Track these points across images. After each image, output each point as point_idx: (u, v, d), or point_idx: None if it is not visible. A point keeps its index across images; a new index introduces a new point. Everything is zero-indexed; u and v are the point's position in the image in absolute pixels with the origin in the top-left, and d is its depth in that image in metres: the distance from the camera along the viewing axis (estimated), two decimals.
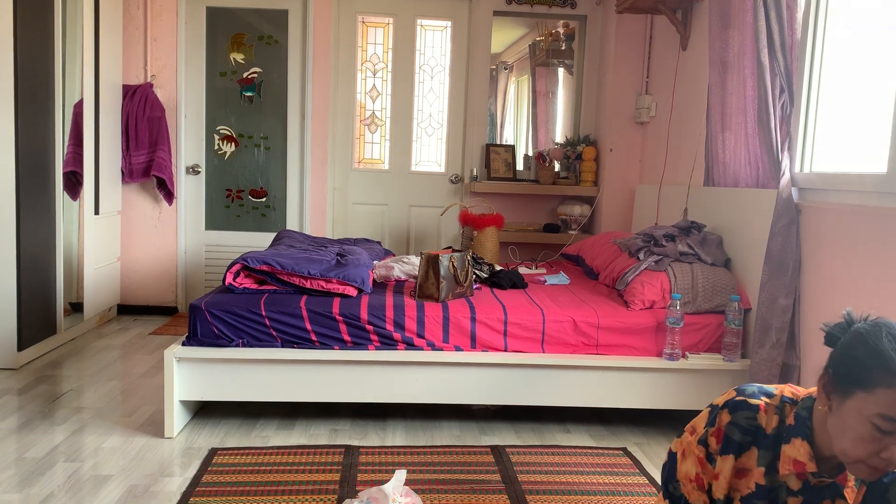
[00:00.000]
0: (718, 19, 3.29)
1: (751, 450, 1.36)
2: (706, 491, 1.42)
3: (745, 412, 1.36)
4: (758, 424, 1.35)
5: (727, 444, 1.37)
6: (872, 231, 2.34)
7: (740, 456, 1.37)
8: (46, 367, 3.51)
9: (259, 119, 4.71)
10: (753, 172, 3.07)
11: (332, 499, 2.24)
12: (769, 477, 1.35)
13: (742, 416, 1.36)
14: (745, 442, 1.36)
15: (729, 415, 1.37)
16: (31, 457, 2.48)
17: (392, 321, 2.79)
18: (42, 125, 3.61)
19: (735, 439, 1.36)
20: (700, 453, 1.40)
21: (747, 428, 1.36)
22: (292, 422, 2.91)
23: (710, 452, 1.39)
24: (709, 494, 1.42)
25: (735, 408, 1.37)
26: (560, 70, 5.18)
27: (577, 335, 2.86)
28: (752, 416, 1.36)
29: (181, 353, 2.69)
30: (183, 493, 2.25)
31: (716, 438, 1.38)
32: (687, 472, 1.43)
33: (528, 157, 5.07)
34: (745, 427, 1.36)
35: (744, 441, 1.36)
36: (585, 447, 2.75)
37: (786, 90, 2.80)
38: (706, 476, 1.41)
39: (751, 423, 1.36)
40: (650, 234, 3.36)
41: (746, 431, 1.36)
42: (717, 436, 1.38)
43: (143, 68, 4.58)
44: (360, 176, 4.97)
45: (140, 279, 4.70)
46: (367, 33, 4.89)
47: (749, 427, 1.35)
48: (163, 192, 4.59)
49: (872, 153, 2.52)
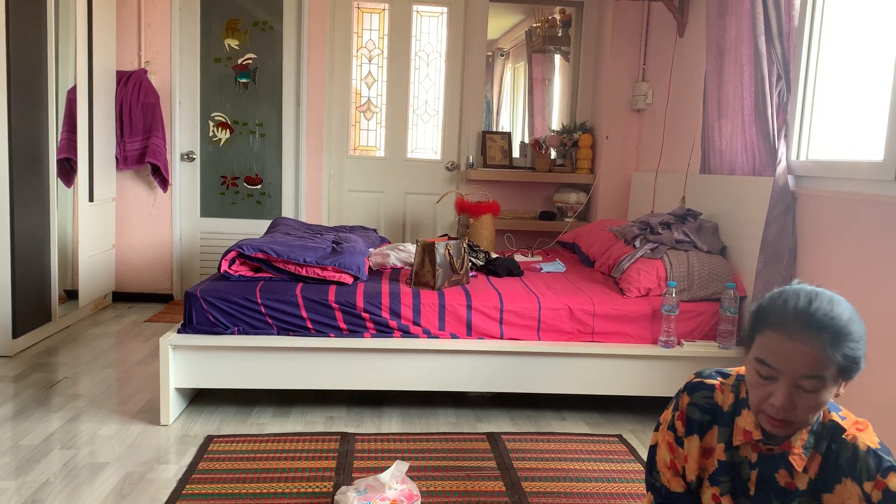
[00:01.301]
0: (716, 6, 3.27)
1: (713, 428, 1.42)
2: (682, 475, 1.46)
3: (702, 392, 1.43)
4: (715, 402, 1.42)
5: (690, 424, 1.43)
6: (868, 219, 2.34)
7: (704, 436, 1.42)
8: (41, 355, 3.50)
9: (254, 105, 4.69)
10: (750, 160, 3.07)
11: (329, 486, 2.24)
12: (730, 453, 1.40)
13: (699, 396, 1.43)
14: (705, 421, 1.42)
15: (688, 396, 1.44)
16: (27, 444, 2.48)
17: (388, 309, 2.78)
18: (35, 112, 3.58)
19: (696, 419, 1.42)
20: (670, 438, 1.47)
21: (705, 407, 1.42)
22: (288, 409, 2.91)
23: (679, 436, 1.45)
24: (684, 478, 1.46)
25: (693, 389, 1.44)
26: (556, 57, 5.16)
27: (573, 323, 2.86)
28: (709, 395, 1.42)
29: (177, 341, 2.69)
30: (179, 481, 2.25)
31: (681, 422, 1.44)
32: (663, 459, 1.48)
33: (524, 144, 5.06)
34: (704, 406, 1.42)
35: (704, 420, 1.42)
36: (581, 434, 2.76)
37: (783, 77, 2.79)
38: (678, 460, 1.46)
39: (708, 402, 1.42)
40: (646, 222, 3.36)
41: (705, 410, 1.42)
42: (681, 419, 1.44)
43: (137, 54, 4.54)
44: (355, 163, 4.95)
45: (135, 266, 4.69)
46: (363, 19, 4.86)
47: (707, 406, 1.42)
48: (157, 179, 4.57)
49: (869, 141, 2.52)
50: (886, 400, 2.22)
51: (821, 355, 1.22)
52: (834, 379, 1.24)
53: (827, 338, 1.22)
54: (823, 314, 1.23)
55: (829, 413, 1.34)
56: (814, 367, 1.22)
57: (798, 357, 1.23)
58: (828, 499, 1.30)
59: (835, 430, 1.32)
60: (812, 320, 1.23)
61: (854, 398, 2.37)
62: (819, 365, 1.22)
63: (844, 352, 1.22)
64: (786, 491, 1.35)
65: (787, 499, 1.35)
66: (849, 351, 1.23)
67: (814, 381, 1.23)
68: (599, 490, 2.30)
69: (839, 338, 1.22)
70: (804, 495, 1.33)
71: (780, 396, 1.24)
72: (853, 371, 1.25)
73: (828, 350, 1.22)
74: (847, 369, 1.24)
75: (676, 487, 1.47)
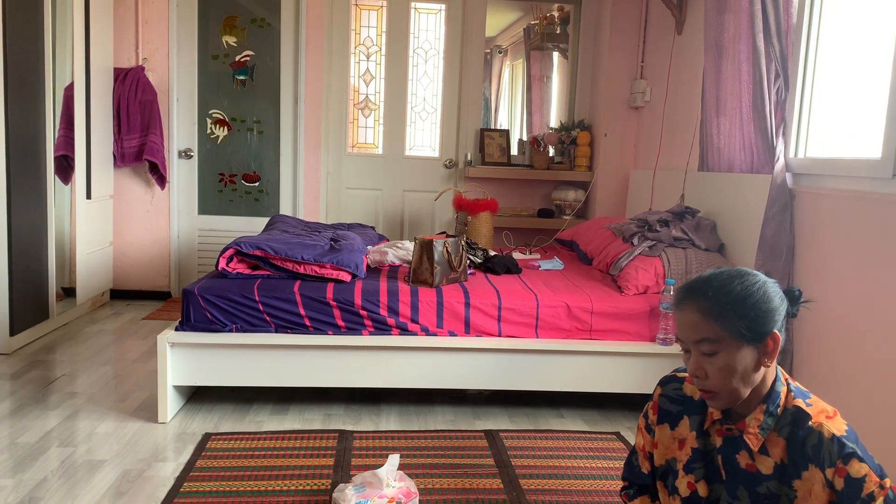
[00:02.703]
0: (714, 3, 3.27)
1: (683, 419, 1.50)
2: (649, 459, 1.59)
3: (673, 384, 1.54)
4: (684, 394, 1.51)
5: (661, 414, 1.54)
6: (866, 216, 2.35)
7: (676, 426, 1.51)
8: (39, 352, 3.50)
9: (252, 103, 4.68)
10: (748, 157, 3.07)
11: (327, 483, 2.24)
12: (702, 440, 1.47)
13: (670, 388, 1.54)
14: (676, 411, 1.51)
15: (661, 388, 1.56)
16: (24, 442, 2.47)
17: (386, 306, 2.78)
18: (32, 109, 3.57)
19: (665, 409, 1.53)
20: (642, 424, 1.60)
21: (675, 398, 1.52)
22: (286, 407, 2.91)
23: (649, 423, 1.57)
24: (652, 463, 1.59)
25: (665, 382, 1.56)
26: (555, 54, 5.15)
27: (571, 320, 2.86)
28: (678, 387, 1.53)
29: (174, 339, 2.69)
30: (177, 478, 2.25)
31: (653, 411, 1.56)
32: (637, 443, 1.63)
33: (522, 141, 5.05)
34: (674, 397, 1.52)
35: (674, 410, 1.52)
36: (579, 431, 2.76)
37: (781, 75, 2.79)
38: (647, 445, 1.58)
39: (678, 393, 1.52)
40: (644, 220, 3.36)
41: (675, 401, 1.52)
42: (654, 409, 1.56)
43: (135, 51, 4.53)
44: (353, 160, 4.94)
45: (133, 264, 4.69)
46: (361, 16, 4.85)
47: (676, 397, 1.52)
48: (155, 177, 4.56)
49: (867, 138, 2.52)
50: (883, 395, 2.22)
51: (698, 319, 1.33)
52: (731, 342, 1.31)
53: (703, 304, 1.33)
54: (701, 282, 1.36)
55: (795, 399, 1.38)
56: (697, 331, 1.33)
57: (685, 324, 1.36)
58: (798, 485, 1.34)
59: (799, 415, 1.35)
60: (690, 289, 1.36)
61: (849, 394, 2.38)
62: (700, 328, 1.33)
63: (727, 316, 1.31)
64: (751, 475, 1.39)
65: (753, 484, 1.39)
66: (734, 316, 1.31)
67: (705, 344, 1.33)
68: (597, 487, 2.30)
69: (716, 303, 1.32)
70: (772, 480, 1.37)
71: (691, 364, 1.36)
72: (755, 337, 1.32)
73: (705, 315, 1.32)
74: (743, 335, 1.31)
75: (644, 469, 1.61)
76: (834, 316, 2.49)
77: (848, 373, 2.41)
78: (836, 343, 2.48)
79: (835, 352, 2.48)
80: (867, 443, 2.07)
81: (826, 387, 2.50)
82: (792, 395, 1.39)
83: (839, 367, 2.45)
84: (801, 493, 1.33)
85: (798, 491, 1.33)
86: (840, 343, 2.46)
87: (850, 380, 2.40)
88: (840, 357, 2.45)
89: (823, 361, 2.55)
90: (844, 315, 2.44)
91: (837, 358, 2.47)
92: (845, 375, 2.42)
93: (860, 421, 2.29)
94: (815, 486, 1.31)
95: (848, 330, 2.42)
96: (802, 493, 1.33)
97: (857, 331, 2.36)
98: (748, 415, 1.39)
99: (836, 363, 2.48)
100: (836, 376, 2.47)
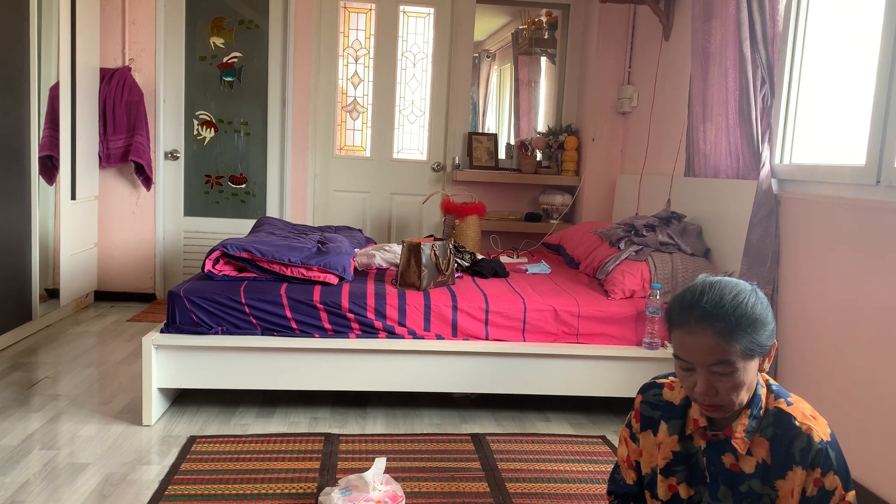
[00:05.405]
0: (701, 10, 3.29)
1: (661, 424, 1.52)
2: (635, 468, 1.59)
3: (653, 390, 1.56)
4: (664, 399, 1.52)
5: (643, 421, 1.55)
6: (850, 222, 2.37)
7: (658, 432, 1.52)
8: (22, 354, 3.46)
9: (239, 104, 4.66)
10: (734, 163, 3.09)
11: (312, 486, 2.23)
12: (683, 443, 1.48)
13: (651, 395, 1.55)
14: (656, 417, 1.52)
15: (641, 395, 1.57)
16: (6, 444, 2.45)
17: (373, 309, 2.78)
18: (17, 108, 3.54)
19: (647, 415, 1.54)
20: (626, 435, 1.60)
21: (655, 403, 1.53)
22: (272, 410, 2.90)
23: (633, 433, 1.57)
24: (639, 472, 1.58)
25: (645, 389, 1.58)
26: (543, 59, 5.17)
27: (558, 324, 2.87)
28: (658, 393, 1.54)
29: (159, 341, 2.67)
30: (161, 481, 2.23)
31: (635, 419, 1.56)
32: (621, 454, 1.62)
33: (510, 145, 5.07)
34: (654, 403, 1.54)
35: (654, 416, 1.52)
36: (565, 435, 2.77)
37: (767, 82, 2.82)
38: (633, 454, 1.58)
39: (658, 399, 1.53)
40: (631, 224, 3.38)
41: (655, 406, 1.53)
42: (636, 417, 1.56)
43: (121, 52, 4.50)
44: (341, 163, 4.94)
45: (118, 265, 4.65)
46: (350, 19, 4.85)
47: (657, 402, 1.53)
48: (141, 178, 4.53)
49: (851, 145, 2.54)
50: (865, 399, 2.24)
51: (719, 343, 1.31)
52: (744, 359, 1.32)
53: (721, 326, 1.31)
54: (713, 305, 1.33)
55: (776, 400, 1.40)
56: (717, 355, 1.32)
57: (701, 348, 1.33)
58: (780, 484, 1.37)
59: (781, 416, 1.38)
60: (704, 312, 1.33)
61: (832, 398, 2.40)
62: (720, 352, 1.31)
63: (741, 335, 1.31)
64: (734, 475, 1.41)
65: (736, 483, 1.41)
66: (746, 334, 1.31)
67: (722, 366, 1.32)
68: (583, 491, 2.30)
69: (732, 324, 1.31)
70: (754, 479, 1.39)
71: (701, 385, 1.34)
72: (762, 350, 1.34)
73: (723, 337, 1.31)
74: (753, 350, 1.32)
75: (629, 480, 1.61)
76: (818, 321, 2.51)
77: (831, 377, 2.43)
78: (820, 348, 2.50)
79: (818, 356, 2.50)
80: (848, 445, 2.10)
81: (809, 390, 2.52)
82: (773, 395, 1.41)
83: (823, 372, 2.47)
84: (782, 493, 1.36)
85: (780, 490, 1.36)
86: (824, 348, 2.48)
87: (833, 384, 2.42)
88: (823, 361, 2.47)
89: (807, 366, 2.57)
90: (828, 320, 2.46)
91: (821, 362, 2.49)
92: (829, 379, 2.44)
93: (843, 423, 2.31)
94: (797, 487, 1.34)
95: (831, 335, 2.44)
96: (784, 493, 1.36)
97: (841, 336, 2.38)
98: (734, 420, 1.40)
99: (819, 367, 2.50)
100: (820, 380, 2.49)
